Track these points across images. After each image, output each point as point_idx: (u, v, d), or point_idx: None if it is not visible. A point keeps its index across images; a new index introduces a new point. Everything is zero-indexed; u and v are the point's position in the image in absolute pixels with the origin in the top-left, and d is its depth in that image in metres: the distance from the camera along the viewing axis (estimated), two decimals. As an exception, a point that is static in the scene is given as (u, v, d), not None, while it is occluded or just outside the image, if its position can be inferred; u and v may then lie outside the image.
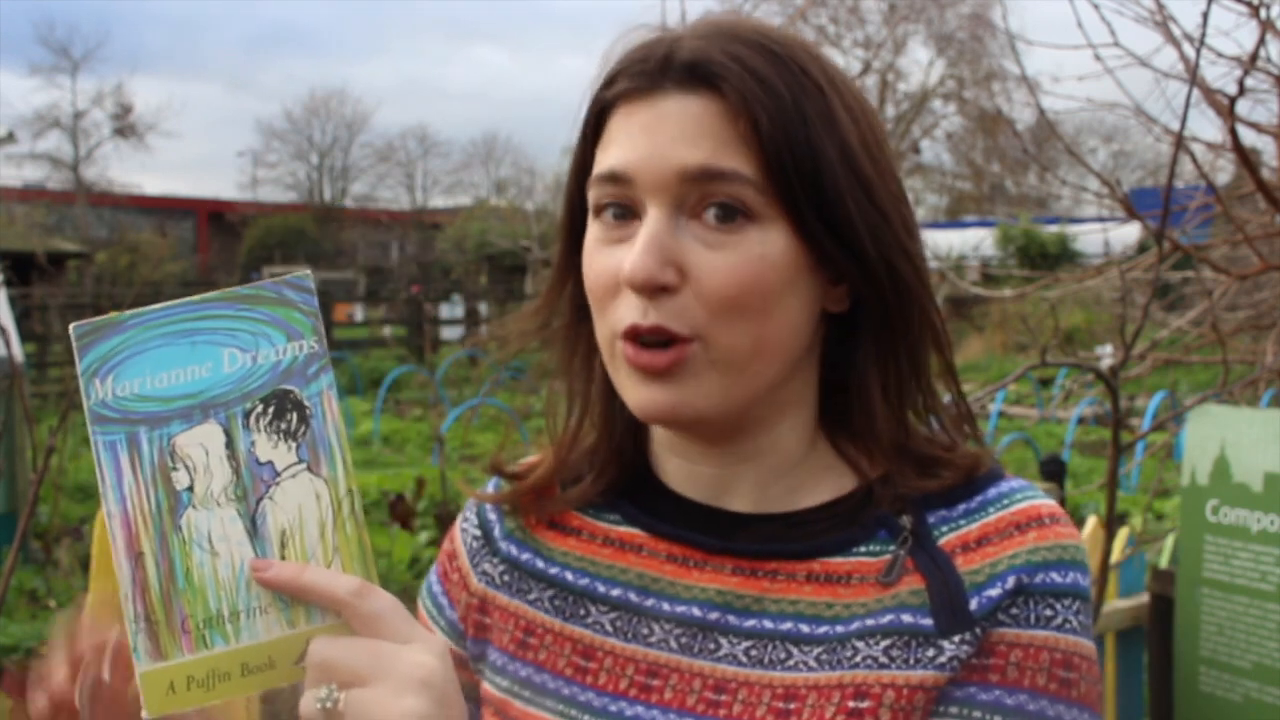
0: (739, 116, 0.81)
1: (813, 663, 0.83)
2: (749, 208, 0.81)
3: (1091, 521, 2.75)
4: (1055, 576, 0.82)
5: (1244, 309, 4.11)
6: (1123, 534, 2.84)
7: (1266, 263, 2.91)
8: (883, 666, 0.81)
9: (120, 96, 41.15)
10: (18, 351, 4.23)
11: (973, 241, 23.69)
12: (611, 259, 0.84)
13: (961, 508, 0.86)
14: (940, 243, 22.96)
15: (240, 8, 76.79)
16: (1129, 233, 10.99)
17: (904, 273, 0.84)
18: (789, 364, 0.86)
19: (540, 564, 0.96)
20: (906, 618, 0.81)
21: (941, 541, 0.84)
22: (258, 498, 0.72)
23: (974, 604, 0.81)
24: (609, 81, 0.86)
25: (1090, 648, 0.83)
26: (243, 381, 0.72)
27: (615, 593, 0.91)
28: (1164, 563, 3.14)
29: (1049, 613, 0.81)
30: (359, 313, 24.63)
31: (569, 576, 0.94)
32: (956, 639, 0.80)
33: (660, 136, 0.82)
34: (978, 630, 0.80)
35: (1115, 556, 2.61)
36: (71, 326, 0.72)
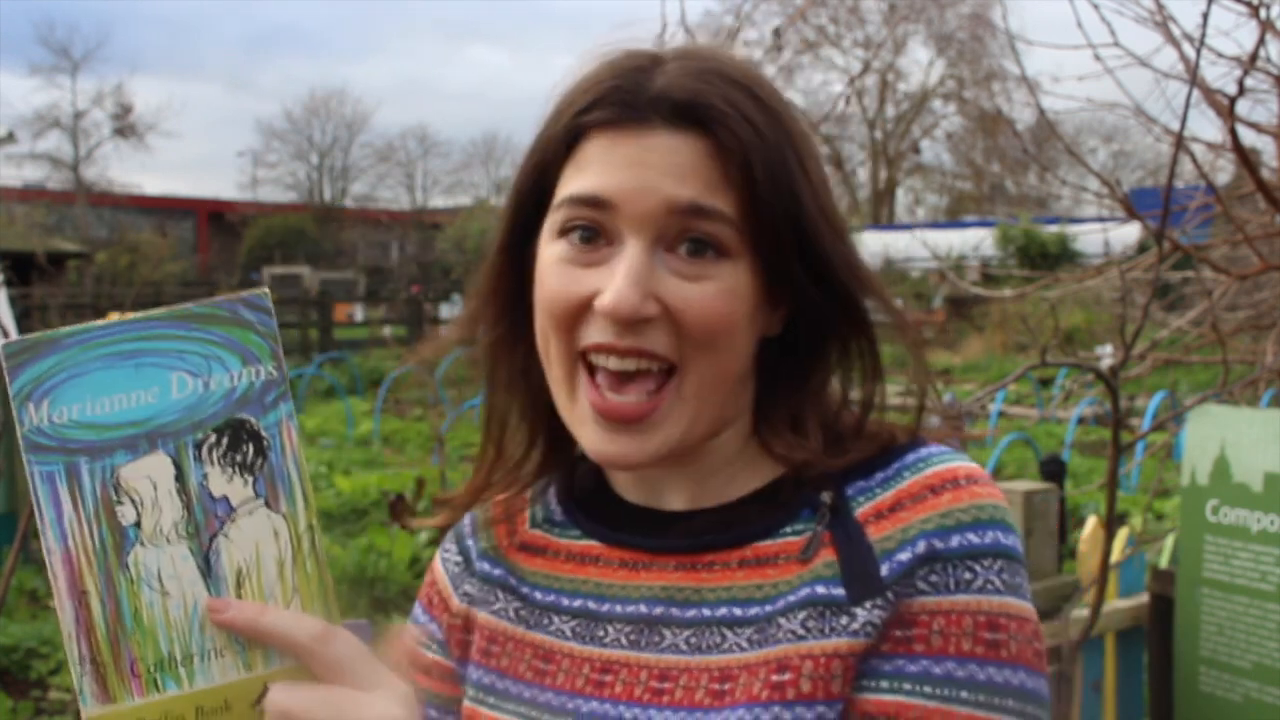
0: (728, 158, 0.83)
1: (744, 643, 0.85)
2: (724, 245, 0.84)
3: (1091, 521, 2.75)
4: (972, 537, 0.82)
5: (1244, 309, 4.11)
6: (1123, 534, 2.84)
7: (1266, 263, 2.91)
8: (800, 638, 0.82)
9: (120, 96, 41.20)
10: (18, 351, 4.22)
11: (973, 241, 23.69)
12: (580, 282, 0.84)
13: (879, 476, 0.87)
14: (940, 243, 22.97)
15: (237, 8, 76.81)
16: (1129, 233, 11.00)
17: (854, 290, 0.89)
18: (736, 389, 0.89)
19: (512, 580, 0.99)
20: (820, 589, 0.83)
21: (858, 512, 0.86)
22: (211, 534, 0.68)
23: (884, 569, 0.82)
24: (588, 107, 0.86)
25: (1020, 605, 0.82)
26: (194, 409, 0.68)
27: (576, 603, 0.94)
28: (1164, 563, 3.14)
29: (968, 575, 0.81)
30: (359, 313, 24.62)
31: (537, 595, 0.97)
32: (868, 604, 0.81)
33: (648, 170, 0.83)
34: (889, 595, 0.81)
35: (1115, 556, 2.61)
36: (0, 344, 0.67)
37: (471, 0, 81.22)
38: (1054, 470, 5.22)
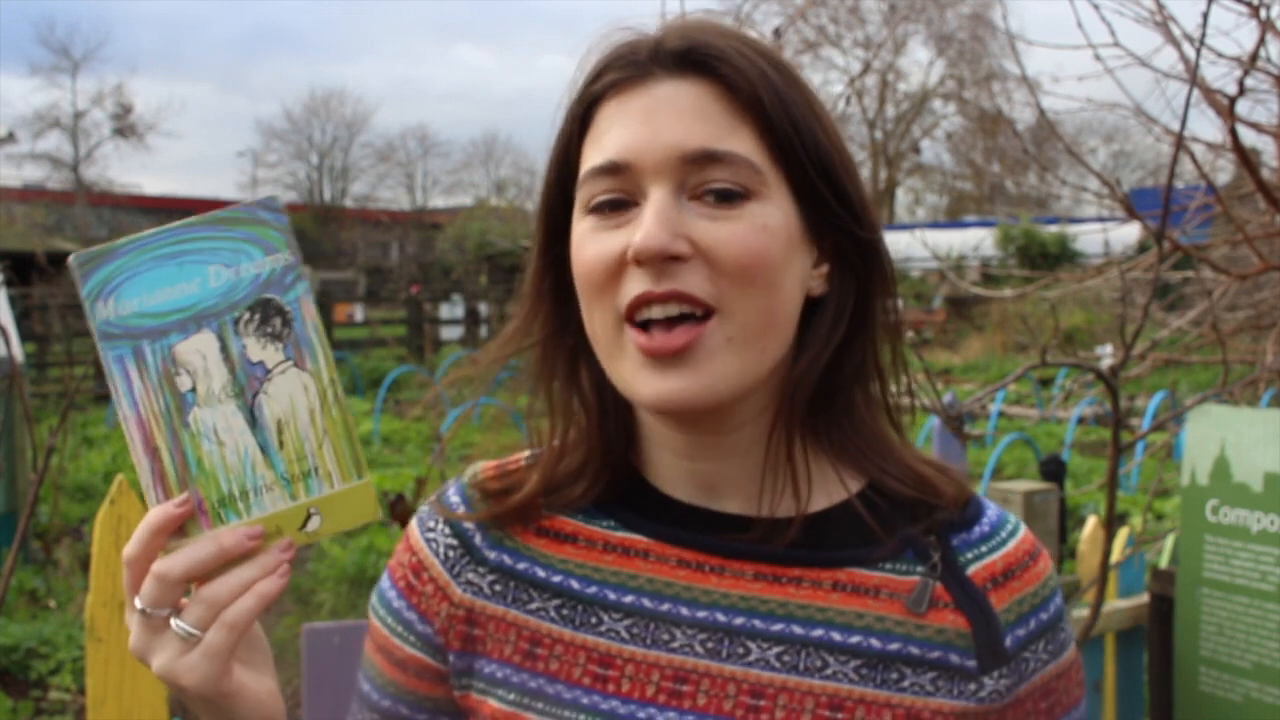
0: (736, 97, 0.83)
1: (853, 675, 0.86)
2: (747, 187, 0.83)
3: (1091, 521, 2.74)
4: (1057, 602, 0.93)
5: (1244, 309, 4.11)
6: (1123, 534, 2.84)
7: (1266, 263, 2.91)
8: (929, 694, 0.86)
9: (120, 96, 41.22)
10: (18, 351, 4.22)
11: (973, 241, 23.69)
12: (610, 242, 0.84)
13: (977, 531, 0.92)
14: (940, 243, 22.96)
15: (227, 8, 76.72)
16: (1129, 233, 10.99)
17: (882, 255, 0.89)
18: (786, 342, 0.87)
19: (541, 573, 0.94)
20: (954, 658, 0.88)
21: (970, 572, 0.90)
22: (253, 393, 0.80)
23: (1008, 641, 0.89)
24: (595, 76, 0.87)
25: (1073, 647, 0.96)
26: (229, 294, 0.80)
27: (628, 599, 0.90)
28: (1164, 563, 3.14)
29: (1063, 636, 0.93)
30: (359, 313, 24.62)
31: (574, 585, 0.92)
32: (995, 674, 0.88)
33: (658, 121, 0.83)
34: (1011, 664, 0.89)
35: (1115, 556, 2.61)
36: (71, 256, 0.79)
37: (459, 0, 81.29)
38: (1054, 470, 5.21)
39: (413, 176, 47.27)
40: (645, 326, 0.83)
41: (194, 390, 0.80)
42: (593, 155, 0.86)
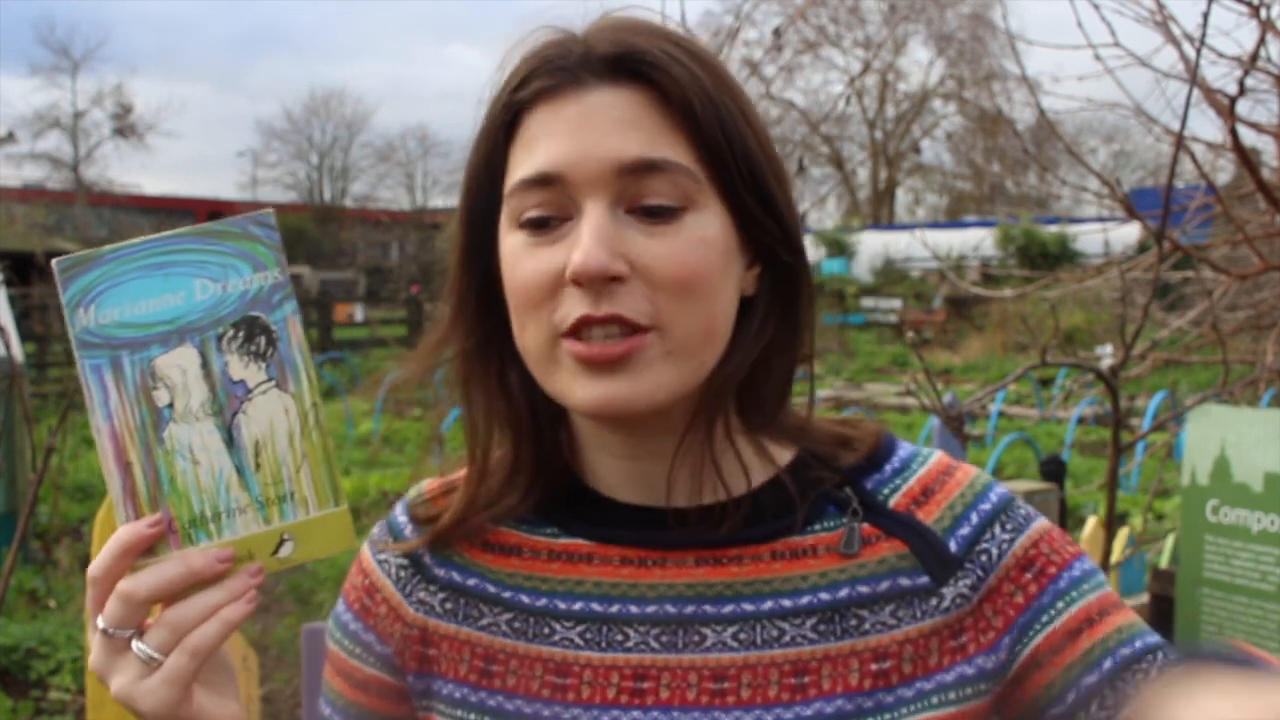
0: (669, 105, 0.81)
1: (811, 634, 0.85)
2: (684, 197, 0.81)
3: (1091, 521, 2.75)
4: (997, 492, 0.91)
5: (1244, 309, 4.11)
6: (1123, 534, 2.84)
7: (1266, 263, 2.91)
8: (892, 628, 0.86)
9: (120, 96, 41.20)
10: (18, 351, 4.23)
11: (973, 241, 23.69)
12: (547, 260, 0.81)
13: (888, 469, 0.92)
14: (940, 243, 22.97)
15: (222, 9, 76.66)
16: (1129, 233, 10.99)
17: (803, 259, 0.89)
18: (722, 346, 0.86)
19: (491, 588, 0.93)
20: (904, 581, 0.87)
21: (892, 503, 0.89)
22: (233, 412, 0.79)
23: (953, 545, 0.88)
24: (522, 82, 0.84)
25: (1043, 519, 0.93)
26: (214, 309, 0.79)
27: (577, 606, 0.90)
28: (1164, 563, 3.14)
29: (1021, 513, 0.90)
30: (359, 313, 24.61)
31: (524, 599, 0.91)
32: (952, 581, 0.87)
33: (591, 131, 0.80)
34: (967, 565, 0.87)
35: (1115, 556, 2.61)
36: (54, 261, 0.78)
37: (451, 1, 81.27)
38: (1054, 470, 5.21)
39: (413, 176, 47.30)
40: (588, 344, 0.81)
41: (171, 406, 0.78)
42: (522, 166, 0.83)
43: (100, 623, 0.77)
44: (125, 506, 0.78)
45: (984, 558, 0.87)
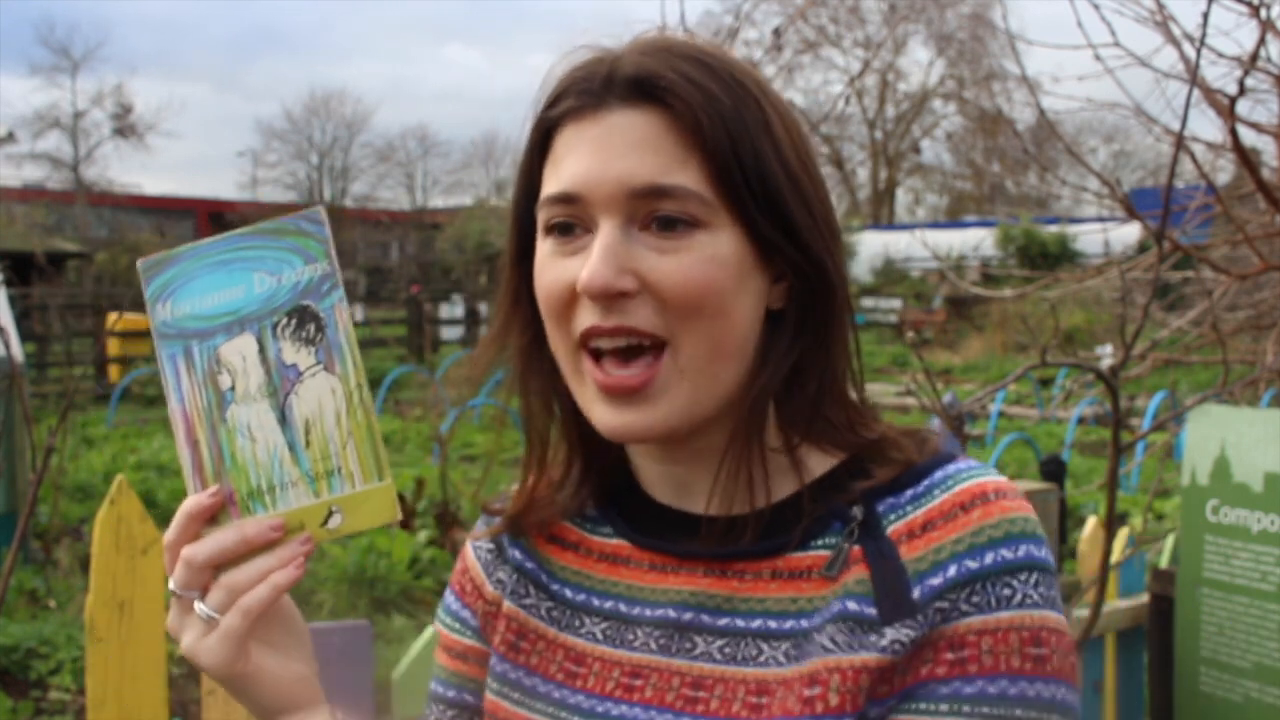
0: (684, 127, 0.84)
1: (781, 658, 0.86)
2: (696, 218, 0.84)
3: (1091, 521, 2.75)
4: (1005, 553, 0.82)
5: (1244, 309, 4.11)
6: (1123, 534, 2.84)
7: (1266, 263, 2.91)
8: (829, 652, 0.83)
9: (120, 96, 41.22)
10: (17, 351, 4.23)
11: (973, 241, 23.71)
12: (565, 270, 0.86)
13: (909, 494, 0.87)
14: (940, 243, 22.97)
15: (220, 9, 76.63)
16: (1129, 233, 11.00)
17: (831, 271, 0.88)
18: (745, 362, 0.88)
19: (543, 577, 1.00)
20: (851, 605, 0.84)
21: (890, 530, 0.86)
22: (285, 393, 0.85)
23: (916, 592, 0.82)
24: (553, 101, 0.89)
25: (1056, 619, 0.83)
26: (270, 299, 0.85)
27: (607, 605, 0.95)
28: (1164, 563, 3.14)
29: (1007, 591, 0.81)
30: (359, 313, 24.61)
31: (568, 593, 0.98)
32: (897, 624, 0.82)
33: (608, 153, 0.85)
34: (920, 617, 0.82)
35: (1115, 556, 2.61)
36: (139, 262, 0.87)
37: (449, 1, 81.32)
38: (1054, 470, 5.21)
39: (413, 176, 47.34)
40: (599, 355, 0.86)
41: (233, 388, 0.85)
42: (550, 182, 0.88)
43: (171, 584, 0.84)
44: (194, 480, 0.85)
45: (936, 615, 0.81)
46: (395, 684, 2.17)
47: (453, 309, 22.55)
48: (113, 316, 14.97)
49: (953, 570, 0.82)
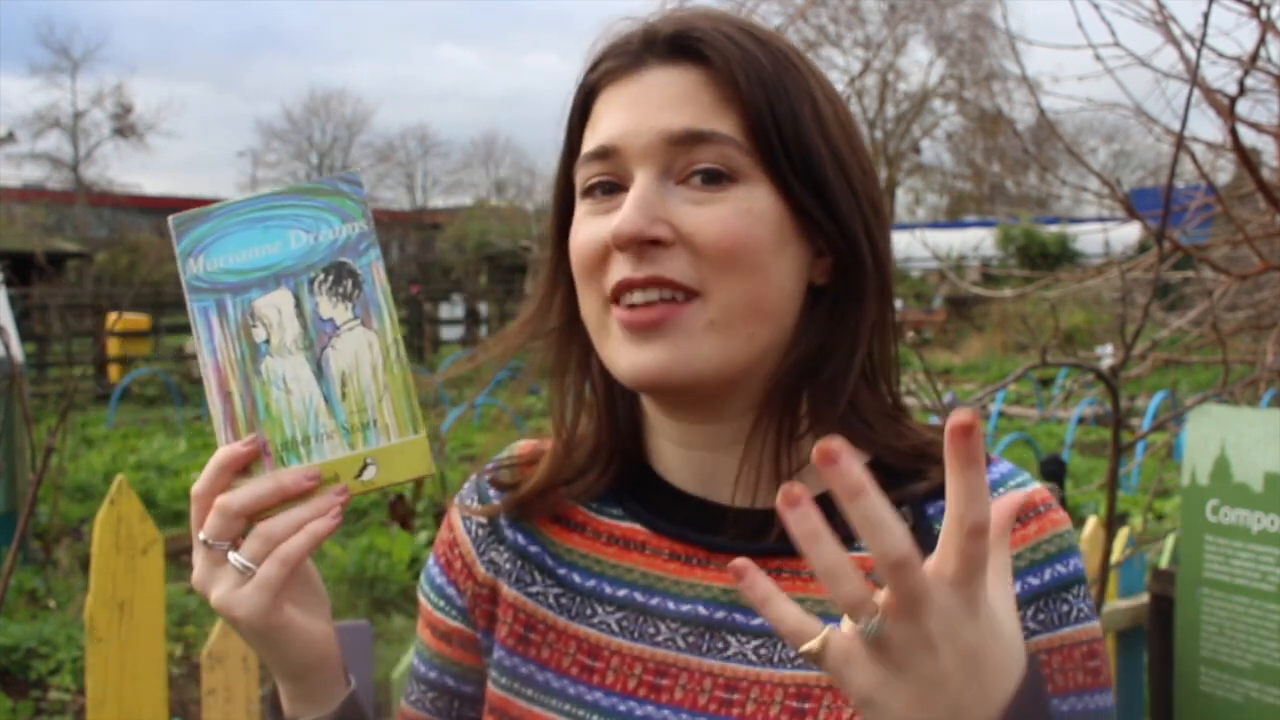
0: (722, 81, 0.83)
1: None
2: (734, 169, 0.83)
3: (1091, 521, 2.74)
4: (1060, 569, 0.83)
5: (1244, 309, 4.11)
6: (1123, 534, 2.84)
7: (1266, 263, 2.91)
8: None
9: (120, 96, 41.23)
10: (17, 351, 4.22)
11: (973, 241, 23.69)
12: (600, 228, 0.85)
13: None
14: (940, 243, 22.96)
15: (218, 9, 76.54)
16: (1129, 233, 11.00)
17: (865, 251, 0.86)
18: (781, 331, 0.85)
19: (549, 560, 0.96)
20: None
21: None
22: (322, 347, 0.86)
23: None
24: (593, 66, 0.89)
25: (1099, 627, 0.85)
26: (307, 256, 0.86)
27: (621, 593, 0.91)
28: (1164, 563, 3.14)
29: (1065, 607, 0.83)
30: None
31: (576, 578, 0.94)
32: None
33: (645, 106, 0.84)
34: None
35: (1115, 556, 2.61)
36: (170, 218, 0.87)
37: (449, 1, 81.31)
38: (1054, 470, 5.21)
39: (413, 176, 47.32)
40: (631, 309, 0.84)
41: (268, 341, 0.85)
42: (588, 141, 0.87)
43: (202, 535, 0.83)
44: (226, 431, 0.85)
45: None
46: (395, 684, 2.17)
47: (453, 309, 22.54)
48: (113, 316, 14.97)
49: (1017, 587, 0.81)
